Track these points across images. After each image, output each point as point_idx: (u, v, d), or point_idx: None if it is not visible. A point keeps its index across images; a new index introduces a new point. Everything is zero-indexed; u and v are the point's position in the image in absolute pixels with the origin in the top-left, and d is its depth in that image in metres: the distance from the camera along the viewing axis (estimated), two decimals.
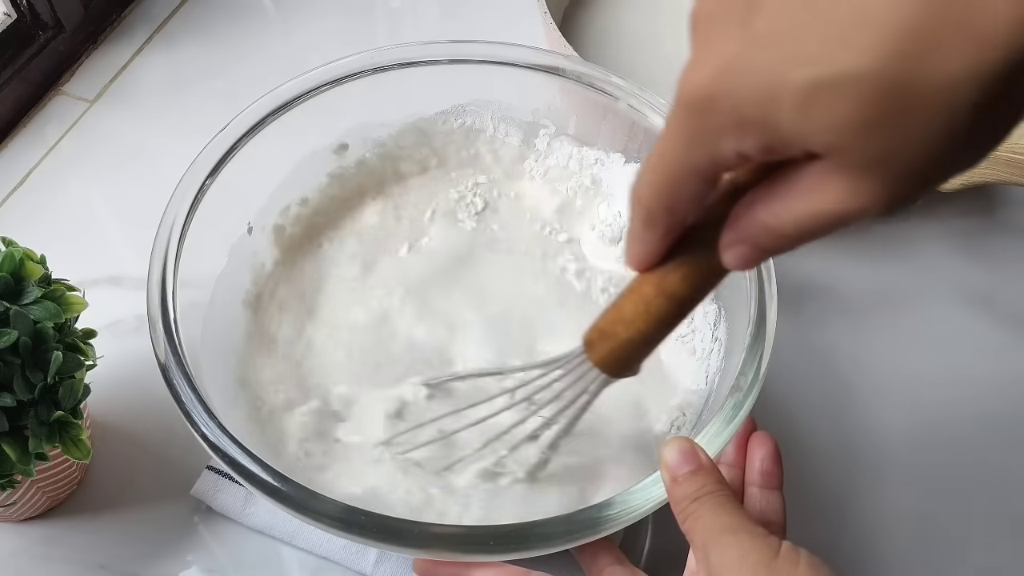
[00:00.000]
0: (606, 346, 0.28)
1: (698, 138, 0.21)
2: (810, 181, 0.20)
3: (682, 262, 0.25)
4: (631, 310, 0.27)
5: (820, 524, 0.43)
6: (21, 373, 0.33)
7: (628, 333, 0.27)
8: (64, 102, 0.58)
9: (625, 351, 0.28)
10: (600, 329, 0.28)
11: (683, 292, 0.26)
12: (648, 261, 0.26)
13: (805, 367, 0.48)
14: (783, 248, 0.23)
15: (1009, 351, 0.50)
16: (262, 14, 0.64)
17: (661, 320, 0.26)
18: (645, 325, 0.27)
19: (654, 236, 0.25)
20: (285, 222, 0.44)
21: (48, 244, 0.39)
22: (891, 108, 0.18)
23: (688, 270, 0.25)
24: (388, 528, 0.30)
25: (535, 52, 0.44)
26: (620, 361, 0.28)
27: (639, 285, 0.27)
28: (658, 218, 0.24)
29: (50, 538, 0.41)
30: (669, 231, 0.25)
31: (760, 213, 0.22)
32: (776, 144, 0.20)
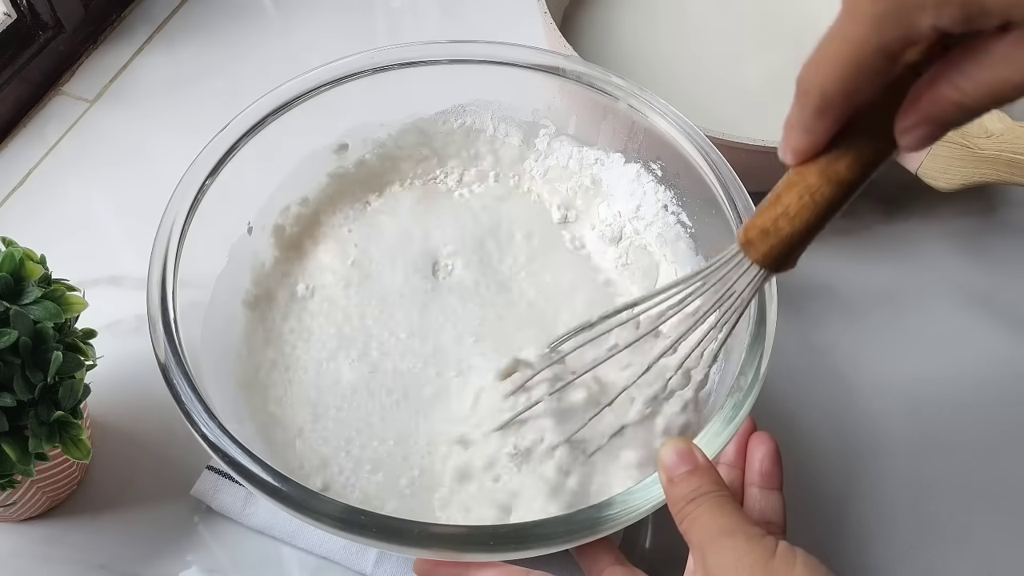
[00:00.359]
0: (768, 243, 0.28)
1: (893, 16, 0.21)
2: (1003, 52, 0.21)
3: (848, 147, 0.25)
4: (795, 203, 0.26)
5: (820, 524, 0.43)
6: (21, 373, 0.33)
7: (792, 227, 0.27)
8: (64, 102, 0.58)
9: (790, 245, 0.27)
10: (760, 227, 0.28)
11: (851, 177, 0.25)
12: (813, 151, 0.25)
13: (805, 367, 0.48)
14: (967, 120, 0.23)
15: (1009, 351, 0.50)
16: (262, 14, 0.64)
17: (828, 209, 0.26)
18: (812, 215, 0.26)
19: (825, 124, 0.24)
20: (285, 222, 0.44)
21: (48, 244, 0.39)
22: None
23: (856, 155, 0.25)
24: (388, 528, 0.30)
25: (535, 52, 0.44)
26: (784, 256, 0.28)
27: (800, 176, 0.26)
28: (835, 104, 0.24)
29: (50, 538, 0.41)
30: (842, 117, 0.24)
31: (944, 90, 0.22)
32: (978, 15, 0.20)
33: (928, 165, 0.49)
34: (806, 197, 0.26)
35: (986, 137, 0.48)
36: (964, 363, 0.49)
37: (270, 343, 0.41)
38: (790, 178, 0.26)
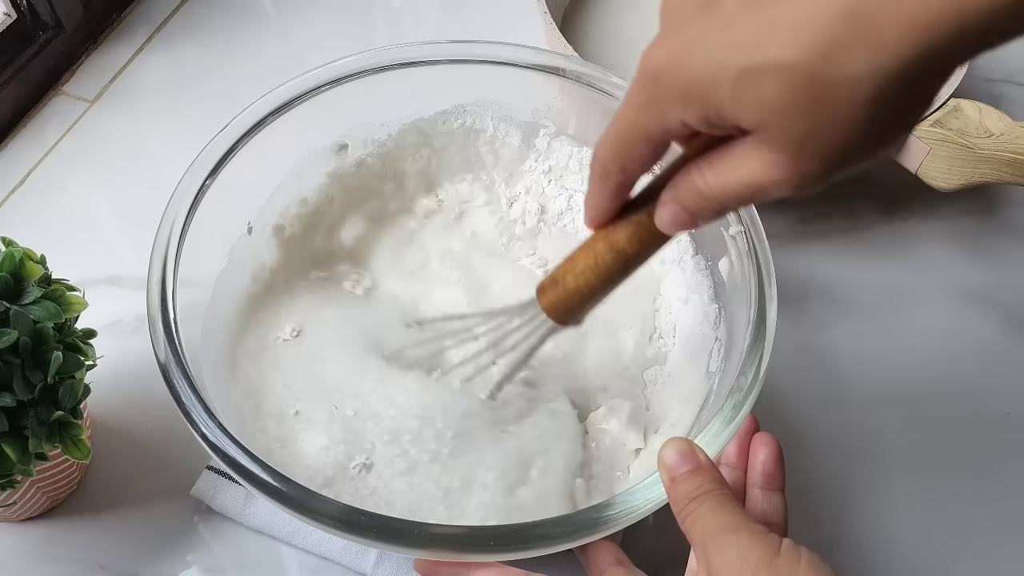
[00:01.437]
0: (554, 293, 0.31)
1: (649, 105, 0.24)
2: (739, 153, 0.24)
3: (630, 222, 0.28)
4: (582, 262, 0.29)
5: (821, 524, 0.43)
6: (21, 373, 0.33)
7: (576, 283, 0.30)
8: (64, 102, 0.58)
9: (572, 300, 0.30)
10: (552, 278, 0.31)
11: (629, 249, 0.28)
12: (601, 218, 0.28)
13: (805, 367, 0.48)
14: (709, 211, 0.26)
15: (1009, 351, 0.50)
16: (262, 14, 0.64)
17: (608, 273, 0.29)
18: (593, 276, 0.29)
19: (606, 192, 0.28)
20: (285, 222, 0.44)
21: (48, 244, 0.39)
22: (806, 96, 0.21)
23: (635, 229, 0.28)
24: (388, 528, 0.30)
25: (535, 52, 0.44)
26: (566, 309, 0.31)
27: (593, 241, 0.29)
28: (611, 175, 0.27)
29: (50, 538, 0.41)
30: (619, 189, 0.27)
31: (694, 177, 0.25)
32: (714, 117, 0.23)
33: (928, 165, 0.49)
34: (591, 259, 0.29)
35: (986, 137, 0.48)
36: (964, 363, 0.49)
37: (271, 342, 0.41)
38: (588, 240, 0.29)
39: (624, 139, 0.26)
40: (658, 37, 0.24)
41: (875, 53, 0.20)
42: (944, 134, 0.48)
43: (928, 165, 0.49)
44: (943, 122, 0.48)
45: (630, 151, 0.26)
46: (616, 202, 0.28)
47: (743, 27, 0.22)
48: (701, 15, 0.23)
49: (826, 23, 0.20)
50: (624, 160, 0.26)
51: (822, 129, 0.21)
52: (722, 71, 0.22)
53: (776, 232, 0.52)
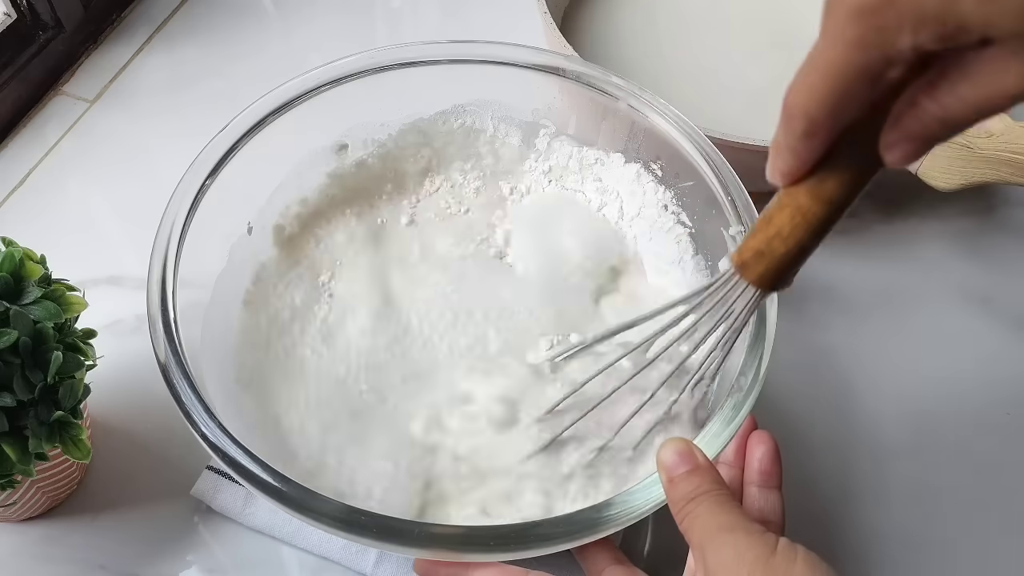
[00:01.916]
0: (764, 264, 0.28)
1: (872, 39, 0.21)
2: (984, 67, 0.21)
3: (837, 166, 0.25)
4: (788, 224, 0.26)
5: (819, 523, 0.43)
6: (21, 373, 0.33)
7: (787, 247, 0.27)
8: (64, 102, 0.58)
9: (785, 265, 0.28)
10: (754, 249, 0.28)
11: (842, 196, 0.26)
12: (802, 171, 0.25)
13: (805, 367, 0.48)
14: (952, 135, 0.23)
15: (1009, 351, 0.50)
16: (262, 14, 0.64)
17: (820, 228, 0.26)
18: (805, 235, 0.27)
19: (812, 146, 0.24)
20: (285, 222, 0.44)
21: (48, 244, 0.38)
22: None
23: (846, 175, 0.25)
24: (388, 528, 0.30)
25: (535, 52, 0.44)
26: (779, 276, 0.28)
27: (791, 198, 0.26)
28: (821, 126, 0.24)
29: (50, 538, 0.41)
30: (829, 139, 0.24)
31: (927, 107, 0.22)
32: (957, 32, 0.20)
33: (928, 165, 0.49)
34: (798, 218, 0.26)
35: (986, 137, 0.48)
36: (964, 363, 0.49)
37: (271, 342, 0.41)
38: (781, 199, 0.27)
39: (839, 83, 0.22)
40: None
41: None
42: None
43: (928, 165, 0.49)
44: None
45: (848, 95, 0.23)
46: (821, 153, 0.25)
47: None
48: None
49: None
50: (841, 106, 0.23)
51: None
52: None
53: None
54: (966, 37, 0.20)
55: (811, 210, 0.26)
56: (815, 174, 0.25)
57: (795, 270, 0.28)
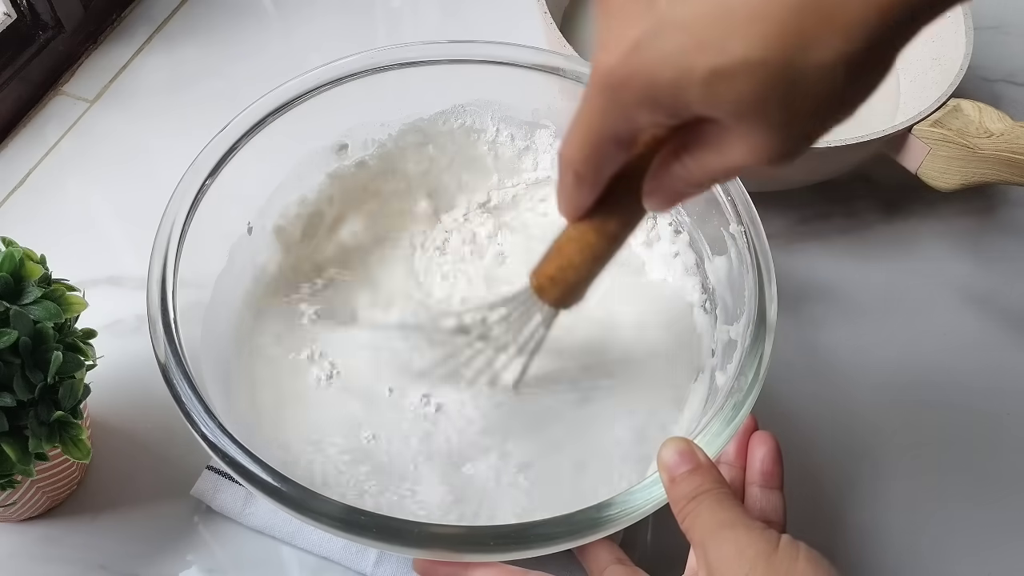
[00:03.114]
0: (558, 289, 0.32)
1: (615, 112, 0.24)
2: (718, 140, 0.24)
3: (616, 208, 0.29)
4: (578, 256, 0.30)
5: (820, 523, 0.43)
6: (21, 373, 0.33)
7: (579, 276, 0.31)
8: (64, 102, 0.58)
9: (576, 289, 0.32)
10: (550, 276, 0.32)
11: (621, 232, 0.30)
12: (581, 213, 0.29)
13: (805, 367, 0.48)
14: (696, 191, 0.26)
15: (1009, 351, 0.50)
16: (262, 14, 0.64)
17: (605, 258, 0.30)
18: (593, 265, 0.30)
19: (585, 192, 0.28)
20: (285, 222, 0.44)
21: (48, 244, 0.38)
22: (783, 89, 0.21)
23: (623, 214, 0.29)
24: (388, 528, 0.30)
25: (535, 52, 0.44)
26: (571, 297, 0.32)
27: (578, 232, 0.30)
28: (587, 177, 0.27)
29: (50, 538, 0.41)
30: (597, 186, 0.28)
31: (676, 168, 0.25)
32: (685, 115, 0.23)
33: (928, 165, 0.49)
34: (587, 251, 0.30)
35: (986, 137, 0.48)
36: (964, 363, 0.49)
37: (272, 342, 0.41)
38: (569, 232, 0.30)
39: (594, 144, 0.26)
40: (603, 38, 0.24)
41: (844, 39, 0.20)
42: (944, 134, 0.48)
43: (928, 165, 0.49)
44: (943, 122, 0.48)
45: (602, 155, 0.26)
46: (594, 198, 0.28)
47: (700, 24, 0.21)
48: (647, 11, 0.23)
49: (786, 16, 0.20)
50: (597, 163, 0.26)
51: (802, 112, 0.22)
52: (689, 74, 0.21)
53: (776, 232, 0.52)
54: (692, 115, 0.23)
55: (597, 244, 0.30)
56: (598, 213, 0.29)
57: (586, 291, 0.32)
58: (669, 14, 0.22)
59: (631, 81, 0.23)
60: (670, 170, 0.26)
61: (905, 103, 0.54)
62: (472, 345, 0.38)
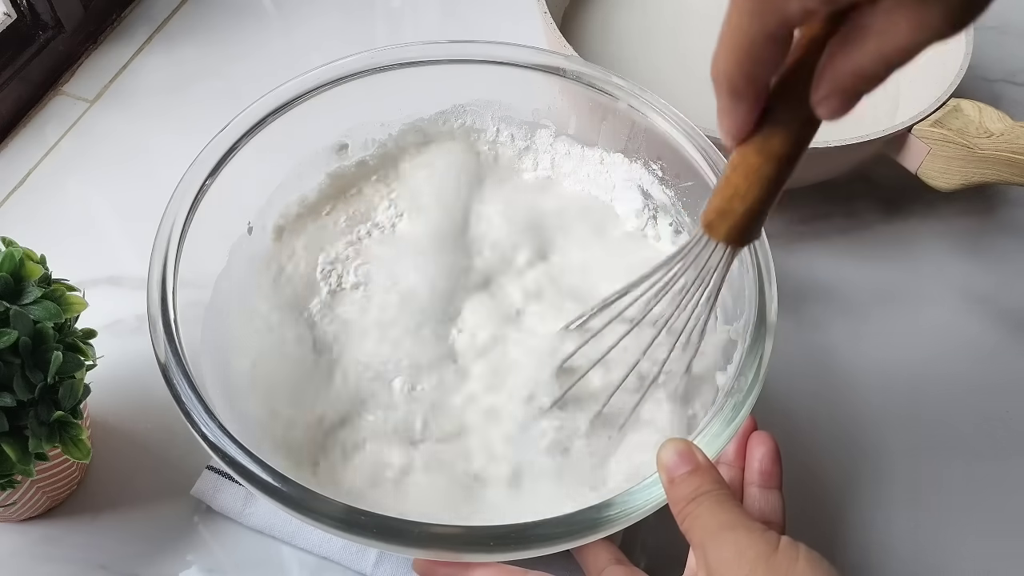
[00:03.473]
0: (728, 222, 0.29)
1: (764, 4, 0.23)
2: (880, 22, 0.22)
3: (779, 124, 0.26)
4: (743, 183, 0.28)
5: (819, 523, 0.43)
6: (21, 373, 0.33)
7: (746, 204, 0.29)
8: (64, 102, 0.58)
9: (748, 220, 0.29)
10: (717, 209, 0.29)
11: (788, 151, 0.27)
12: (744, 131, 0.27)
13: (805, 367, 0.48)
14: (872, 87, 0.24)
15: (1009, 351, 0.50)
16: (262, 14, 0.64)
17: (774, 183, 0.28)
18: (762, 191, 0.28)
19: (744, 106, 0.26)
20: (285, 222, 0.44)
21: (48, 244, 0.39)
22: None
23: (787, 131, 0.27)
24: (388, 528, 0.30)
25: (535, 52, 0.44)
26: (745, 231, 0.30)
27: (743, 158, 0.28)
28: (743, 89, 0.25)
29: (50, 538, 0.41)
30: (757, 98, 0.26)
31: (842, 63, 0.23)
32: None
33: (928, 165, 0.49)
34: (752, 176, 0.28)
35: (986, 137, 0.48)
36: (964, 363, 0.49)
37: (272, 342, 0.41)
38: (734, 160, 0.28)
39: (747, 48, 0.24)
40: None
41: None
42: (944, 134, 0.48)
43: (928, 165, 0.49)
44: (943, 122, 0.48)
45: (757, 58, 0.24)
46: (756, 111, 0.26)
47: None
48: None
49: None
50: (753, 69, 0.25)
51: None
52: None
53: (776, 232, 0.52)
54: None
55: (762, 167, 0.27)
56: (760, 133, 0.27)
57: (760, 223, 0.30)
58: None
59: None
60: (837, 66, 0.24)
61: (905, 103, 0.54)
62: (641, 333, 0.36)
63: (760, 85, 0.25)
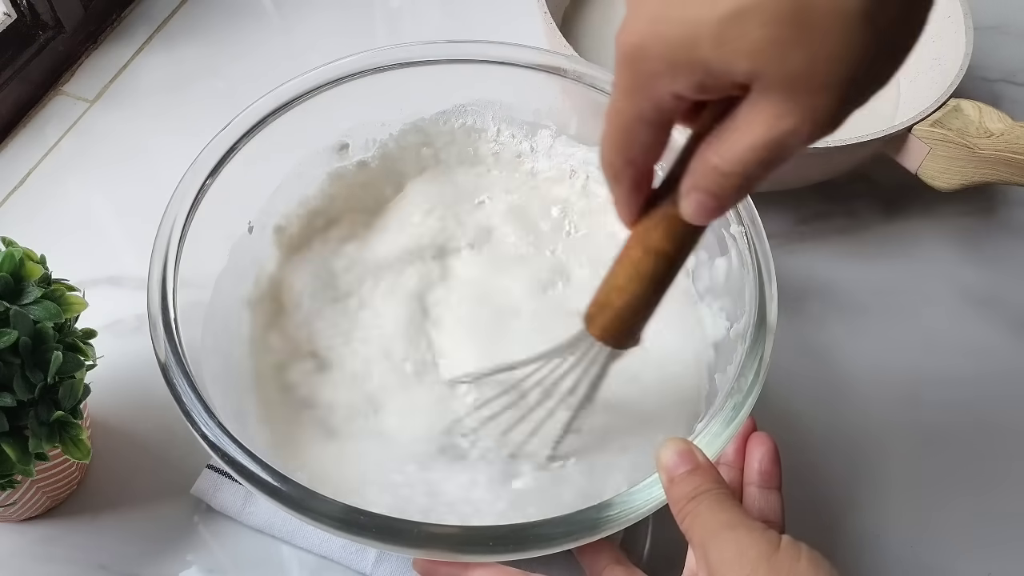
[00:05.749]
0: (604, 317, 0.28)
1: (637, 86, 0.23)
2: (744, 115, 0.22)
3: (661, 218, 0.26)
4: (623, 276, 0.27)
5: (819, 524, 0.43)
6: (21, 373, 0.33)
7: (623, 299, 0.27)
8: (64, 102, 0.58)
9: (623, 318, 0.28)
10: (597, 302, 0.28)
11: (667, 247, 0.26)
12: (631, 216, 0.27)
13: (805, 367, 0.48)
14: (733, 190, 0.23)
15: (1009, 351, 0.50)
16: (261, 14, 0.64)
17: (653, 280, 0.27)
18: (639, 287, 0.27)
19: (624, 190, 0.26)
20: (286, 222, 0.44)
21: (48, 244, 0.38)
22: (795, 25, 0.20)
23: (667, 225, 0.26)
24: (387, 528, 0.30)
25: (536, 52, 0.44)
26: (620, 330, 0.28)
27: (627, 250, 0.27)
28: (620, 171, 0.25)
29: (50, 538, 0.41)
30: (636, 184, 0.26)
31: (708, 156, 0.23)
32: (706, 79, 0.22)
33: (928, 165, 0.49)
34: (631, 270, 0.27)
35: (986, 137, 0.48)
36: (964, 363, 0.49)
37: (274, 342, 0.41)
38: (621, 251, 0.27)
39: (621, 130, 0.24)
40: (626, 18, 0.23)
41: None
42: (944, 134, 0.48)
43: (928, 165, 0.49)
44: (943, 122, 0.48)
45: (631, 141, 0.25)
46: (638, 197, 0.26)
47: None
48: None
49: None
50: (628, 152, 0.25)
51: (820, 55, 0.20)
52: (700, 27, 0.21)
53: (776, 232, 0.52)
54: (717, 83, 0.22)
55: (642, 262, 0.26)
56: (643, 224, 0.26)
57: (638, 324, 0.28)
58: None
59: (647, 48, 0.22)
60: (703, 163, 0.24)
61: (905, 103, 0.54)
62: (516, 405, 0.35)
63: (639, 170, 0.25)
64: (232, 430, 0.32)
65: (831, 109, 0.21)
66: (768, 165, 0.22)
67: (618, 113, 0.24)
